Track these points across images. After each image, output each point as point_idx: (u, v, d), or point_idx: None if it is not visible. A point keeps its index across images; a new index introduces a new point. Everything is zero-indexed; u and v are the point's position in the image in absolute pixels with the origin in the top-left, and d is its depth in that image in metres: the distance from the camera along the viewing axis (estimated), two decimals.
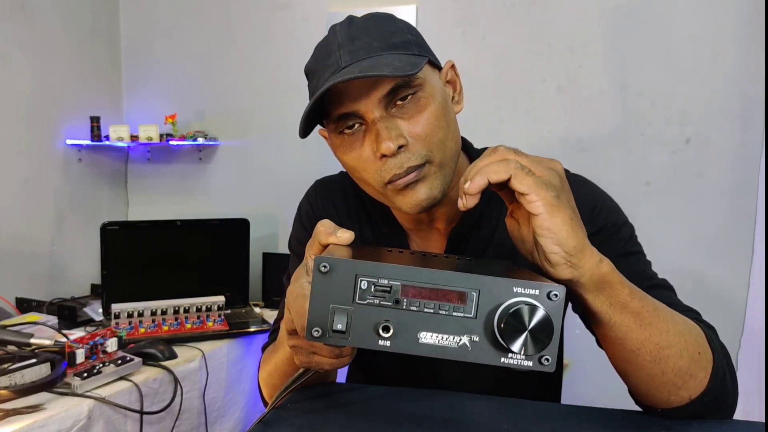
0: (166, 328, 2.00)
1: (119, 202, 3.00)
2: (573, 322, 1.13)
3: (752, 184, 2.13)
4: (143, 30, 2.92)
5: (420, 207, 0.88)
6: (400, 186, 0.86)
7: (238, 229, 2.41)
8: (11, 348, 1.58)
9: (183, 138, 2.75)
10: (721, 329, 0.88)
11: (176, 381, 1.74)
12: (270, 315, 2.32)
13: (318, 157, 2.67)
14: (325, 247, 0.67)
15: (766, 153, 2.07)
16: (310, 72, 0.92)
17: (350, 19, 0.90)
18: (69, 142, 2.63)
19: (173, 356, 1.81)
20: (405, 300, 0.54)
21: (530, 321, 0.52)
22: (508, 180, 0.64)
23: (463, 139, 1.01)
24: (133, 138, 2.69)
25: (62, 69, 2.60)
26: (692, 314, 0.87)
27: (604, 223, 0.94)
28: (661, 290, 0.90)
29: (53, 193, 2.59)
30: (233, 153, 2.86)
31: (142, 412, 1.61)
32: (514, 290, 0.53)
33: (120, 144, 2.71)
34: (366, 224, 1.06)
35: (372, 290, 0.54)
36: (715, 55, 2.16)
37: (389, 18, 0.91)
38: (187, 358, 1.85)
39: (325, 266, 0.54)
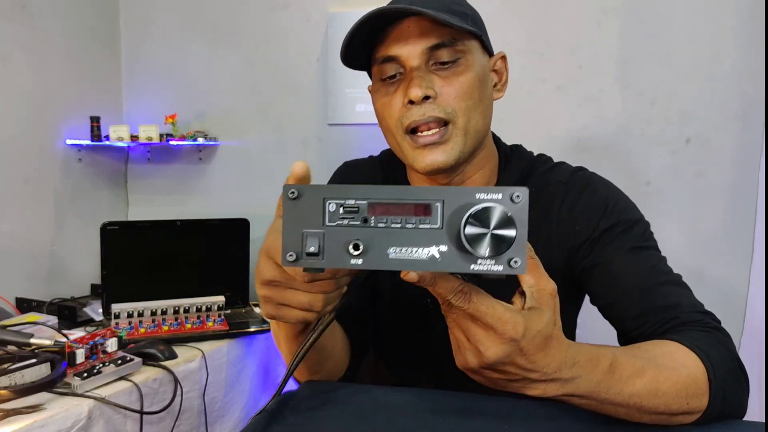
0: (166, 328, 1.99)
1: (119, 202, 2.99)
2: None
3: (752, 184, 2.13)
4: (143, 30, 2.91)
5: (431, 168, 0.90)
6: (420, 143, 0.90)
7: (238, 229, 2.40)
8: (11, 348, 1.57)
9: (183, 138, 2.75)
10: None
11: (176, 381, 1.74)
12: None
13: (318, 157, 2.69)
14: None
15: (766, 153, 2.06)
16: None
17: None
18: (69, 142, 2.62)
19: (173, 356, 1.80)
20: (372, 218, 0.55)
21: (491, 221, 0.52)
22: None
23: (494, 133, 1.06)
24: (133, 138, 2.68)
25: (62, 69, 2.59)
26: (704, 318, 0.87)
27: (617, 220, 0.96)
28: (672, 287, 0.92)
29: (53, 193, 2.58)
30: (233, 153, 2.85)
31: (142, 412, 1.60)
32: (477, 196, 0.53)
33: (120, 144, 2.70)
34: None
35: (340, 212, 0.56)
36: (715, 54, 2.16)
37: None
38: (187, 358, 1.84)
39: (293, 192, 0.57)
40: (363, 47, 0.92)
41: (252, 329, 2.12)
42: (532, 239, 0.56)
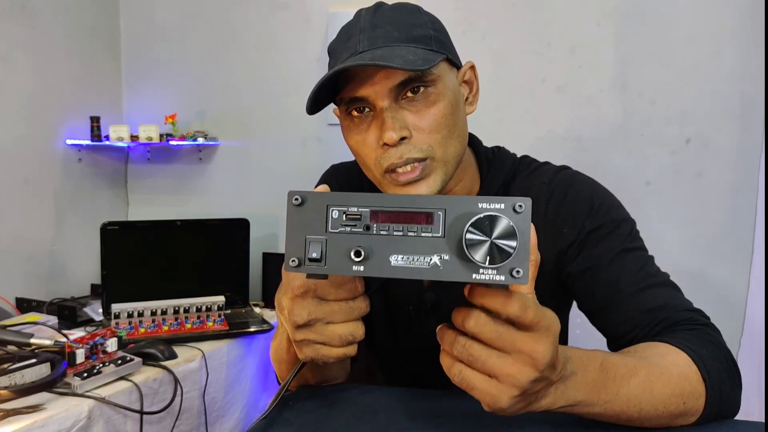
0: (166, 328, 1.99)
1: (119, 202, 2.99)
2: (573, 322, 1.14)
3: (752, 184, 2.13)
4: (143, 30, 2.91)
5: None
6: (402, 181, 0.87)
7: (238, 229, 2.40)
8: (11, 348, 1.57)
9: (183, 138, 2.75)
10: (721, 329, 0.88)
11: (176, 381, 1.74)
12: (270, 315, 2.31)
13: (318, 157, 2.69)
14: None
15: (766, 153, 2.06)
16: (331, 51, 0.94)
17: (378, 5, 0.92)
18: (69, 142, 2.62)
19: (173, 356, 1.80)
20: (375, 225, 0.55)
21: (493, 230, 0.52)
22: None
23: (472, 136, 1.02)
24: (133, 138, 2.68)
25: (62, 69, 2.59)
26: (693, 315, 0.87)
27: (603, 220, 0.95)
28: (660, 289, 0.91)
29: (53, 193, 2.58)
30: (233, 153, 2.85)
31: (142, 412, 1.60)
32: (479, 206, 0.53)
33: (120, 144, 2.70)
34: None
35: (343, 219, 0.56)
36: (715, 55, 2.16)
37: (415, 10, 0.92)
38: (187, 358, 1.84)
39: (297, 199, 0.57)
40: (327, 88, 0.90)
41: (252, 329, 2.12)
42: None
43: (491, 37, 2.38)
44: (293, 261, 0.56)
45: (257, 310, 2.38)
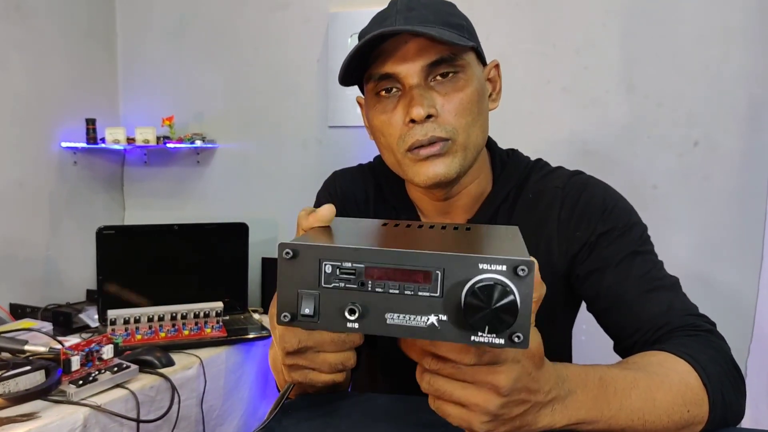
0: (163, 334, 1.97)
1: (115, 206, 2.97)
2: (578, 329, 1.12)
3: (761, 187, 2.12)
4: (140, 30, 2.89)
5: (432, 181, 0.90)
6: (422, 156, 0.90)
7: (237, 233, 2.38)
8: (5, 355, 1.56)
9: (180, 140, 2.73)
10: (729, 335, 0.88)
11: (173, 388, 1.73)
12: (269, 321, 2.28)
13: (318, 160, 2.67)
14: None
15: None
16: (362, 35, 0.95)
17: None
18: (64, 144, 2.60)
19: (170, 363, 1.79)
20: (370, 282, 0.53)
21: (493, 299, 0.49)
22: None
23: (488, 137, 1.04)
24: (130, 140, 2.67)
25: (57, 70, 2.57)
26: (696, 321, 0.88)
27: (615, 224, 0.96)
28: (665, 293, 0.92)
29: (48, 196, 2.56)
30: (232, 156, 2.83)
31: (138, 421, 1.60)
32: (480, 267, 0.51)
33: (116, 147, 2.68)
34: (383, 214, 1.08)
35: (337, 273, 0.54)
36: (722, 56, 2.15)
37: (450, 3, 0.96)
38: (184, 365, 1.83)
39: (288, 252, 0.55)
40: (358, 64, 0.92)
41: (251, 336, 2.10)
42: (532, 247, 0.54)
43: (495, 38, 2.36)
44: (285, 316, 0.55)
45: (256, 316, 2.36)
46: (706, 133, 2.18)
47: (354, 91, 2.53)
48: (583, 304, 1.06)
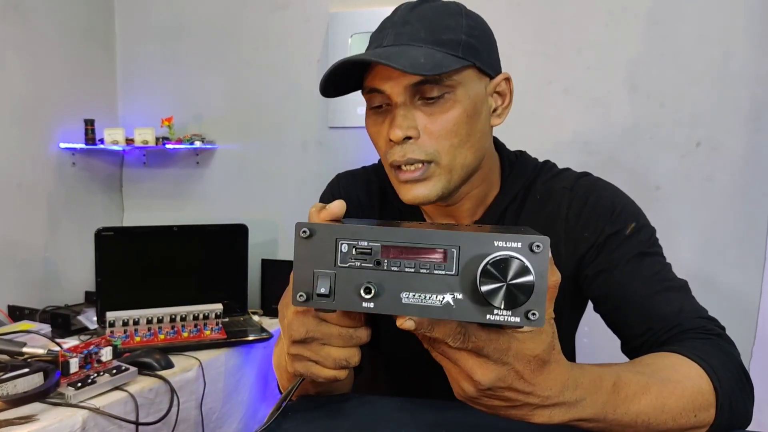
0: (162, 336, 1.97)
1: (114, 208, 2.96)
2: (581, 331, 1.11)
3: (764, 188, 2.11)
4: (139, 31, 2.88)
5: (413, 202, 0.91)
6: (402, 179, 0.90)
7: (237, 234, 2.38)
8: (3, 357, 1.57)
9: (180, 141, 2.72)
10: (732, 338, 0.87)
11: (173, 391, 1.73)
12: (269, 323, 2.30)
13: (319, 161, 2.66)
14: None
15: None
16: (370, 39, 0.96)
17: (422, 0, 0.92)
18: (62, 145, 2.59)
19: (169, 365, 1.79)
20: (386, 261, 0.54)
21: (508, 273, 0.50)
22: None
23: (495, 139, 1.04)
24: (129, 141, 2.66)
25: (56, 70, 2.56)
26: (707, 324, 0.88)
27: (623, 225, 0.96)
28: (675, 294, 0.92)
29: (46, 198, 2.55)
30: (231, 157, 2.82)
31: (137, 423, 1.60)
32: (495, 244, 0.52)
33: (115, 148, 2.67)
34: (388, 216, 1.08)
35: (353, 252, 0.55)
36: (725, 56, 2.14)
37: (457, 12, 0.92)
38: (183, 368, 1.83)
39: (305, 231, 0.56)
40: (349, 75, 0.91)
41: (250, 338, 2.10)
42: None
43: (497, 37, 2.34)
44: (301, 296, 0.56)
45: (256, 318, 2.36)
46: (708, 134, 2.17)
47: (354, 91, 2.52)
48: (589, 306, 1.06)
